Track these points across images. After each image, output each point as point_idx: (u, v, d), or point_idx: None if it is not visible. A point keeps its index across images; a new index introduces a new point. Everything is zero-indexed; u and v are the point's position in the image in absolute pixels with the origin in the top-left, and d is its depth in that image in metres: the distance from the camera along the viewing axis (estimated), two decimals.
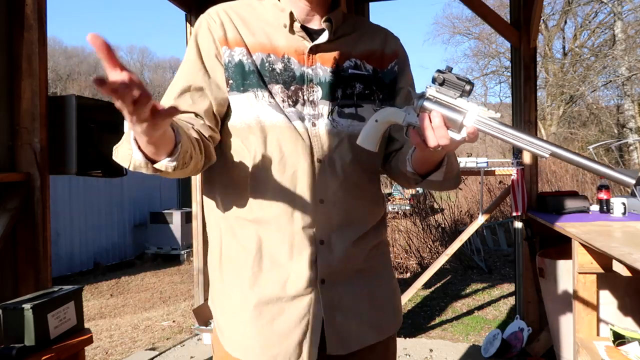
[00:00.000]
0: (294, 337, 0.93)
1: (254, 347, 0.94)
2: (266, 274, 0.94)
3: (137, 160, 0.77)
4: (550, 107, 16.46)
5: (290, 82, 0.95)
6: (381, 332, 1.01)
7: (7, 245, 1.87)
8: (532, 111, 3.26)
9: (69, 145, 1.99)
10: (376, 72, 1.02)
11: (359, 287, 0.99)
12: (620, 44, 14.03)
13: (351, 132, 0.95)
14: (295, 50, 0.96)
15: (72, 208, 9.40)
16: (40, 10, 1.94)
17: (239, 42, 0.95)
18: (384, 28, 1.09)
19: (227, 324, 0.98)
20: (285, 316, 0.93)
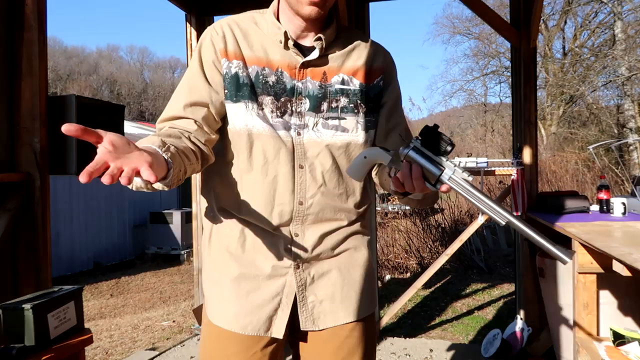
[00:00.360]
0: (266, 311, 1.07)
1: (228, 315, 1.07)
2: (247, 253, 1.08)
3: (138, 183, 0.88)
4: (550, 107, 16.46)
5: (281, 93, 1.06)
6: (354, 313, 1.12)
7: (7, 245, 1.87)
8: (532, 111, 3.26)
9: (69, 145, 1.99)
10: (362, 86, 1.11)
11: (331, 271, 1.11)
12: (620, 44, 14.03)
13: (334, 142, 1.07)
14: (288, 65, 1.06)
15: (72, 208, 9.40)
16: (40, 10, 1.94)
17: (237, 55, 1.05)
18: (374, 43, 1.17)
19: (211, 294, 1.12)
20: (260, 292, 1.07)
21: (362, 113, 1.10)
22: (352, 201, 1.11)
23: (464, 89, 19.45)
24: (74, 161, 2.00)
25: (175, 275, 8.66)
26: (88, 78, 37.95)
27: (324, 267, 1.11)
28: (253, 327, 1.06)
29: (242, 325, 1.06)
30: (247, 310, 1.06)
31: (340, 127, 1.08)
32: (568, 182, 9.46)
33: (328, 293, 1.10)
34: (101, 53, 43.61)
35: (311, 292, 1.10)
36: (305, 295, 1.09)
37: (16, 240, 1.91)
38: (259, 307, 1.06)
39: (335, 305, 1.10)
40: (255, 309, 1.06)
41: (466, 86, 19.33)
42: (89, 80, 37.71)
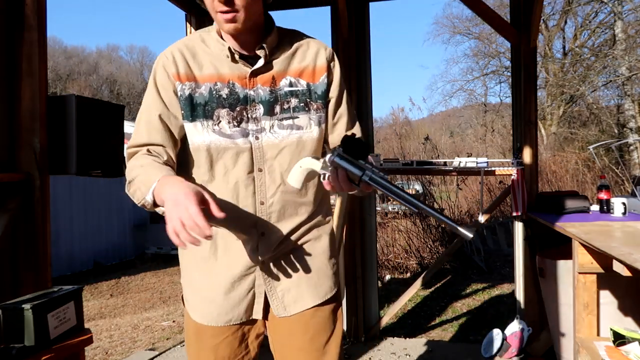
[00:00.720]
0: (243, 305, 1.22)
1: (212, 314, 1.21)
2: (220, 259, 1.21)
3: (148, 203, 1.05)
4: (551, 107, 16.45)
5: (235, 104, 1.15)
6: (318, 297, 1.25)
7: (7, 245, 1.87)
8: (532, 111, 3.26)
9: (69, 145, 1.99)
10: (309, 86, 1.21)
11: (294, 262, 1.23)
12: (620, 44, 14.02)
13: (291, 141, 1.18)
14: (238, 76, 1.16)
15: (72, 208, 9.40)
16: (40, 10, 1.94)
17: (189, 76, 1.15)
18: (316, 42, 1.25)
19: (192, 296, 1.26)
20: (236, 290, 1.21)
21: (313, 110, 1.21)
22: (311, 194, 1.22)
23: (464, 89, 19.47)
24: (74, 161, 2.00)
25: (175, 275, 8.66)
26: (88, 78, 37.93)
27: (289, 259, 1.23)
28: (235, 320, 1.22)
29: (226, 320, 1.22)
30: (227, 309, 1.21)
31: (295, 125, 1.18)
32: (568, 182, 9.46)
33: (294, 282, 1.23)
34: (101, 53, 43.59)
35: (279, 283, 1.23)
36: (273, 286, 1.23)
37: (16, 240, 1.91)
38: (237, 304, 1.21)
39: (302, 291, 1.24)
40: (235, 306, 1.21)
41: (466, 86, 19.34)
42: (89, 80, 37.69)
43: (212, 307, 1.22)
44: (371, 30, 3.55)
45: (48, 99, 1.96)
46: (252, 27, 1.14)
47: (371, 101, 3.55)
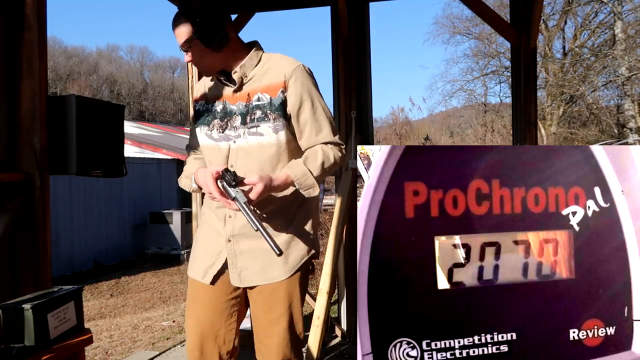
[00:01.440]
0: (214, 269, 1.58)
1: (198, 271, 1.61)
2: (204, 227, 1.65)
3: (195, 188, 1.56)
4: (550, 107, 16.46)
5: (223, 116, 1.57)
6: (268, 278, 1.54)
7: (7, 245, 1.87)
8: (532, 111, 3.26)
9: (69, 145, 1.99)
10: (271, 99, 1.51)
11: (254, 245, 1.52)
12: (620, 44, 14.03)
13: (255, 145, 1.51)
14: (226, 96, 1.58)
15: (72, 208, 9.39)
16: (40, 10, 1.94)
17: (202, 97, 1.65)
18: (287, 63, 1.54)
19: (192, 255, 1.68)
20: (213, 258, 1.59)
21: (272, 119, 1.50)
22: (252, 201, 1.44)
23: (464, 89, 19.46)
24: (74, 161, 2.00)
25: (175, 275, 8.67)
26: (88, 78, 37.94)
27: (250, 240, 1.52)
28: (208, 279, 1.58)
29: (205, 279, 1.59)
30: (206, 270, 1.59)
31: (258, 132, 1.51)
32: None
33: (250, 261, 1.54)
34: (101, 53, 43.61)
35: (239, 259, 1.55)
36: (235, 261, 1.55)
37: (16, 240, 1.91)
38: (209, 267, 1.58)
39: (257, 269, 1.53)
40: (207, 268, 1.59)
41: (466, 86, 19.34)
42: (89, 80, 37.69)
43: (197, 266, 1.63)
44: (371, 30, 3.55)
45: (48, 99, 1.96)
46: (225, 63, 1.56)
47: (371, 101, 3.55)
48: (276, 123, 1.49)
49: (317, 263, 5.77)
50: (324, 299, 2.81)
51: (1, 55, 1.91)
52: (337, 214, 3.16)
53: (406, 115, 16.28)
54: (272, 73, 1.52)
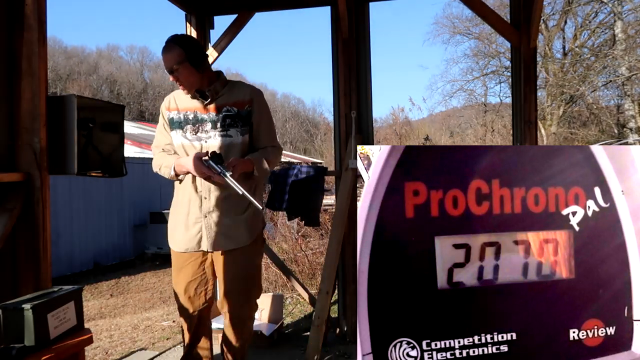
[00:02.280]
0: (195, 240, 2.11)
1: (179, 243, 2.16)
2: (187, 208, 2.12)
3: (172, 175, 2.11)
4: (550, 107, 16.45)
5: (195, 122, 2.12)
6: (236, 243, 2.10)
7: (7, 245, 1.87)
8: (532, 111, 3.26)
9: (69, 145, 1.99)
10: (239, 111, 2.11)
11: (224, 217, 2.08)
12: (620, 44, 14.03)
13: (224, 144, 2.07)
14: (199, 107, 2.12)
15: (72, 208, 9.39)
16: (40, 10, 1.94)
17: (174, 108, 2.17)
18: (248, 87, 2.19)
19: (170, 229, 2.20)
20: (191, 230, 2.11)
21: (239, 126, 2.10)
22: (239, 179, 1.97)
23: (464, 89, 19.45)
24: (74, 161, 2.00)
25: None
26: (88, 78, 37.92)
27: (220, 216, 2.08)
28: (191, 249, 2.13)
29: (185, 248, 2.14)
30: (185, 241, 2.13)
31: (228, 135, 2.09)
32: None
33: (221, 230, 2.08)
34: (101, 53, 43.58)
35: (213, 230, 2.08)
36: (210, 232, 2.09)
37: (16, 240, 1.91)
38: (191, 239, 2.11)
39: (225, 237, 2.09)
40: (190, 240, 2.12)
41: (466, 86, 19.33)
42: (89, 80, 37.68)
43: (178, 238, 2.15)
44: (371, 30, 3.55)
45: (48, 99, 1.96)
46: (201, 84, 2.09)
47: (371, 101, 3.55)
48: (242, 129, 2.10)
49: (317, 263, 5.78)
50: (324, 299, 2.81)
51: (1, 55, 1.91)
52: (337, 214, 3.16)
53: (406, 115, 16.28)
54: (239, 92, 2.13)
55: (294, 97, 60.56)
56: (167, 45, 2.02)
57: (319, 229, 6.71)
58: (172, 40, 2.03)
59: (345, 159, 3.39)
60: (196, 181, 2.08)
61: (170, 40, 2.03)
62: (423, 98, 35.97)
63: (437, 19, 38.78)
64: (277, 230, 7.19)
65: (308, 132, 38.36)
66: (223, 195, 2.07)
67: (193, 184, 2.09)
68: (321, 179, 3.33)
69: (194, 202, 2.09)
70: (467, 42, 21.76)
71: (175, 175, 2.08)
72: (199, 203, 2.08)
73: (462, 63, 28.31)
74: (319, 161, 20.10)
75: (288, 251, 6.37)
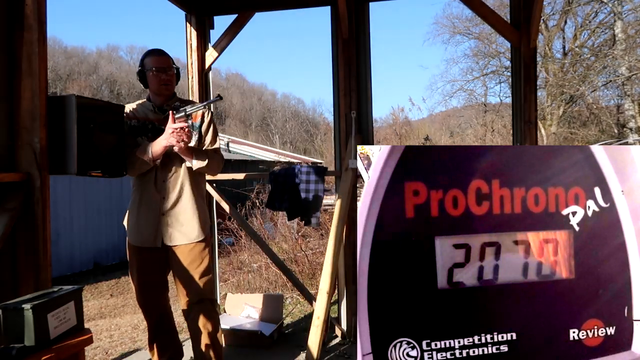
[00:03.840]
0: (152, 236, 2.39)
1: (137, 238, 2.42)
2: (144, 207, 2.40)
3: (150, 158, 2.31)
4: (550, 107, 16.45)
5: (152, 131, 2.41)
6: (188, 238, 2.39)
7: (7, 245, 1.87)
8: (532, 111, 3.26)
9: (69, 145, 1.99)
10: (192, 123, 2.42)
11: (178, 215, 2.39)
12: (620, 44, 14.02)
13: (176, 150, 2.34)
14: (156, 119, 2.43)
15: (72, 208, 9.39)
16: (40, 10, 1.94)
17: (134, 117, 2.44)
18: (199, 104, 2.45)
19: (131, 229, 2.44)
20: (149, 227, 2.39)
21: (194, 134, 2.42)
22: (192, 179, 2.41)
23: (464, 89, 19.44)
24: (74, 161, 1.99)
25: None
26: (88, 78, 37.91)
27: (177, 213, 2.38)
28: (146, 244, 2.40)
29: (141, 242, 2.41)
30: (143, 236, 2.40)
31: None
32: None
33: (176, 227, 2.37)
34: (101, 53, 43.57)
35: (170, 226, 2.38)
36: (167, 229, 2.38)
37: (16, 240, 1.91)
38: (148, 235, 2.39)
39: (181, 233, 2.38)
40: (148, 236, 2.39)
41: (466, 86, 19.32)
42: (89, 80, 37.67)
43: (136, 234, 2.41)
44: (371, 30, 3.55)
45: (48, 99, 1.96)
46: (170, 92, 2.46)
47: (371, 101, 3.55)
48: (195, 137, 2.44)
49: (317, 263, 5.77)
50: (324, 299, 2.81)
51: (1, 55, 1.91)
52: (337, 214, 3.16)
53: (406, 115, 16.30)
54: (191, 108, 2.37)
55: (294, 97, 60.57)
56: (161, 50, 2.44)
57: (319, 229, 6.71)
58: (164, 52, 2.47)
59: (345, 159, 3.39)
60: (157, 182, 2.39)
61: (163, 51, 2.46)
62: (423, 98, 35.99)
63: (437, 19, 38.77)
64: (277, 230, 7.19)
65: (308, 132, 38.35)
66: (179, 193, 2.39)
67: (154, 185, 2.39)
68: (321, 179, 3.33)
69: (153, 201, 2.38)
70: (467, 42, 21.78)
71: (152, 158, 2.28)
72: (159, 203, 2.37)
73: (462, 63, 28.36)
74: (319, 161, 20.10)
75: (288, 251, 6.37)
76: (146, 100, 2.47)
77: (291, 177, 3.35)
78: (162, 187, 2.36)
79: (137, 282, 2.46)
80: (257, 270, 5.98)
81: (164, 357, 2.59)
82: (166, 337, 2.62)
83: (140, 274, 2.44)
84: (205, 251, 2.43)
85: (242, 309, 3.70)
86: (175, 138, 2.21)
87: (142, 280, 2.45)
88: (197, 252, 2.40)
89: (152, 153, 2.27)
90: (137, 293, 2.51)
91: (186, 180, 2.39)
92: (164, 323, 2.62)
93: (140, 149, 2.32)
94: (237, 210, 4.88)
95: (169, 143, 2.23)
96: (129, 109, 2.44)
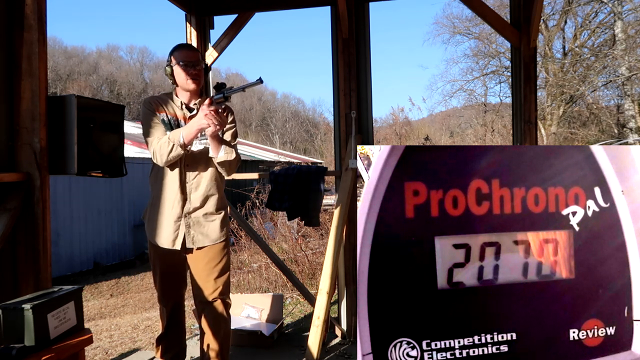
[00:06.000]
0: (172, 238, 2.36)
1: (160, 238, 2.38)
2: (166, 206, 2.35)
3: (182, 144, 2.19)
4: (550, 107, 16.45)
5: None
6: (211, 240, 2.38)
7: (7, 245, 1.87)
8: (532, 111, 3.26)
9: (69, 145, 1.99)
10: None
11: (202, 218, 2.36)
12: (620, 44, 14.02)
13: (201, 150, 2.32)
14: (183, 116, 2.36)
15: (72, 208, 9.39)
16: (40, 10, 1.94)
17: (162, 111, 2.34)
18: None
19: (151, 226, 2.43)
20: (170, 228, 2.35)
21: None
22: (215, 183, 2.39)
23: (464, 89, 19.45)
24: (74, 161, 1.99)
25: None
26: (88, 78, 37.93)
27: (199, 215, 2.36)
28: (167, 245, 2.35)
29: (161, 243, 2.37)
30: (165, 237, 2.36)
31: (203, 142, 2.31)
32: None
33: (199, 229, 2.36)
34: (101, 53, 43.58)
35: (193, 228, 2.35)
36: (190, 231, 2.35)
37: (16, 240, 1.91)
38: (168, 235, 2.35)
39: (204, 235, 2.36)
40: (170, 235, 2.35)
41: (466, 86, 19.32)
42: (89, 80, 37.68)
43: (155, 232, 2.39)
44: (371, 30, 3.55)
45: (48, 99, 1.96)
46: (200, 88, 2.38)
47: (371, 101, 3.55)
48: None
49: (317, 263, 5.77)
50: (324, 299, 2.80)
51: (1, 55, 1.91)
52: (337, 214, 3.16)
53: (406, 115, 16.31)
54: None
55: (294, 97, 60.55)
56: (192, 46, 2.50)
57: (319, 229, 6.71)
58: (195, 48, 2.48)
59: (345, 159, 3.39)
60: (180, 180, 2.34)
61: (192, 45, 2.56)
62: (423, 98, 36.06)
63: (437, 19, 38.79)
64: (277, 230, 7.19)
65: (308, 132, 38.35)
66: (205, 195, 2.37)
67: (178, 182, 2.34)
68: (321, 179, 3.33)
69: (176, 203, 2.33)
70: (467, 42, 21.80)
71: (184, 143, 2.17)
72: (182, 204, 2.33)
73: (462, 63, 28.37)
74: (319, 161, 20.09)
75: (288, 251, 6.37)
76: (173, 96, 2.36)
77: (291, 177, 3.34)
78: (186, 188, 2.31)
79: (160, 270, 2.45)
80: (257, 270, 5.98)
81: (168, 354, 2.58)
82: (177, 331, 2.60)
83: (162, 264, 2.44)
84: (225, 250, 2.42)
85: (242, 309, 3.70)
86: (211, 119, 2.09)
87: (164, 270, 2.44)
88: (217, 251, 2.39)
89: (184, 137, 2.16)
90: (157, 280, 2.50)
91: (211, 181, 2.36)
92: (179, 314, 2.60)
93: (172, 133, 2.21)
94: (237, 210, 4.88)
95: (200, 126, 2.12)
96: (154, 103, 2.32)
